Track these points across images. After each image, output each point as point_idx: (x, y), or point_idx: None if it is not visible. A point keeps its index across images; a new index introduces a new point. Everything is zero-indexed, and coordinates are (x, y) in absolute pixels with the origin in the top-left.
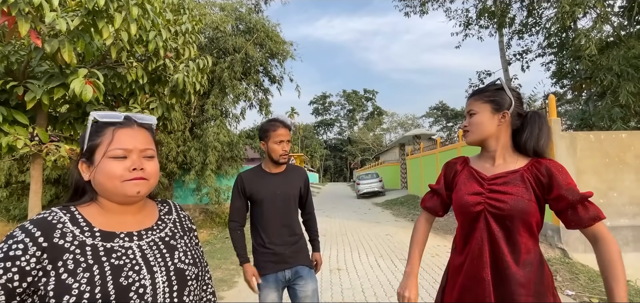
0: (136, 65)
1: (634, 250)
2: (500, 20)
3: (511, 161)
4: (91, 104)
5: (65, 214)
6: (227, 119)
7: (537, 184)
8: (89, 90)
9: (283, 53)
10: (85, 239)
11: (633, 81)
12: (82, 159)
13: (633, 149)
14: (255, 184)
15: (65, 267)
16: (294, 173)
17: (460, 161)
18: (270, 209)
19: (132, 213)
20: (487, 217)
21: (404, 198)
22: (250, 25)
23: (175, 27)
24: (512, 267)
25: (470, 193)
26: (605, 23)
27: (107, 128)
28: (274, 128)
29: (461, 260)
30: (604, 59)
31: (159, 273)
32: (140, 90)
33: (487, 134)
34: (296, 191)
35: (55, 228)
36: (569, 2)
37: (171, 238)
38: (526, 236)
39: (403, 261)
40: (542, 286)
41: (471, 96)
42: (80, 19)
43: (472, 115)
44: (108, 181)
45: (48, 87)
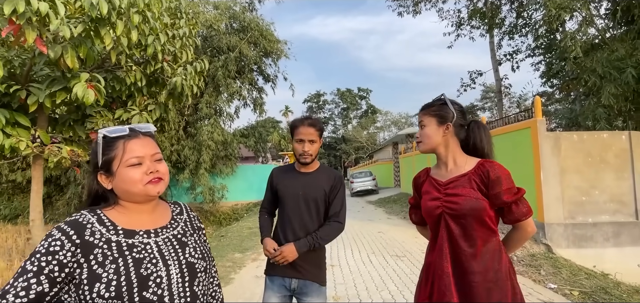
0: (135, 69)
1: (613, 246)
2: (490, 21)
3: (461, 164)
4: (91, 107)
5: (93, 216)
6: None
7: (482, 184)
8: (91, 94)
9: (277, 52)
10: (110, 236)
11: (615, 82)
12: (100, 171)
13: (613, 148)
14: (282, 180)
15: (96, 259)
16: (324, 175)
17: (423, 173)
18: (290, 208)
19: (148, 213)
20: (446, 218)
21: (397, 197)
22: (244, 23)
23: (173, 31)
24: (469, 259)
25: (431, 199)
26: (590, 26)
27: (117, 142)
28: (298, 126)
29: (432, 257)
30: (589, 61)
31: (172, 266)
32: (138, 92)
33: (436, 144)
34: (320, 193)
35: (85, 227)
36: (555, 5)
37: (183, 235)
38: (481, 230)
39: (395, 257)
40: (500, 273)
41: (421, 109)
42: (83, 26)
43: (422, 127)
44: (131, 186)
45: (51, 91)
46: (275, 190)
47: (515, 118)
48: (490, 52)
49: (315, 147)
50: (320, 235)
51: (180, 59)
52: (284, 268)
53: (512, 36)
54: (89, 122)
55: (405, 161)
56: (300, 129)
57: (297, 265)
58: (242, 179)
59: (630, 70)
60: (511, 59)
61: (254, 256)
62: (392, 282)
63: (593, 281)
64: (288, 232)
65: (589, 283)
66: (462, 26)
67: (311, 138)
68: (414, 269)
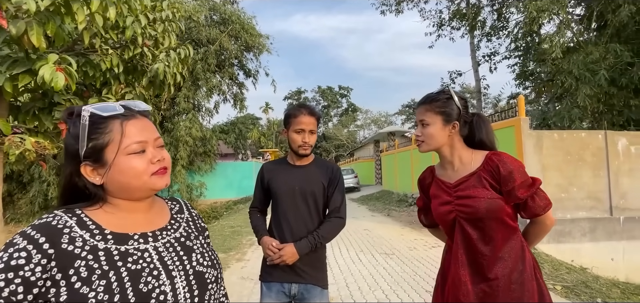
0: (111, 53)
1: (590, 241)
2: (472, 22)
3: (467, 161)
4: (60, 94)
5: (71, 217)
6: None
7: (494, 180)
8: (61, 78)
9: (259, 46)
10: (97, 243)
11: (590, 84)
12: (86, 162)
13: (591, 147)
14: (275, 175)
15: (78, 275)
16: (320, 168)
17: (428, 174)
18: (284, 205)
19: (144, 212)
20: (461, 222)
21: (379, 194)
22: (225, 16)
23: (154, 14)
24: (489, 263)
25: (442, 203)
26: (567, 29)
27: (112, 123)
28: (296, 115)
29: (448, 263)
30: (565, 62)
31: (178, 277)
32: (114, 79)
33: (440, 145)
34: (317, 188)
35: (61, 233)
36: (536, 7)
37: (186, 238)
38: (501, 230)
39: (384, 255)
40: (524, 273)
41: (422, 103)
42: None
43: (424, 125)
44: (133, 179)
45: (12, 74)
46: (268, 187)
47: (499, 116)
48: (471, 52)
49: (314, 138)
50: (322, 233)
51: (161, 44)
52: (281, 273)
53: (490, 38)
54: (57, 111)
55: (387, 158)
56: (300, 119)
57: (297, 268)
58: (221, 177)
59: (603, 72)
60: (489, 60)
61: (238, 256)
62: (385, 281)
63: (574, 275)
64: (285, 231)
65: (570, 277)
66: (443, 27)
67: (311, 128)
68: (404, 267)
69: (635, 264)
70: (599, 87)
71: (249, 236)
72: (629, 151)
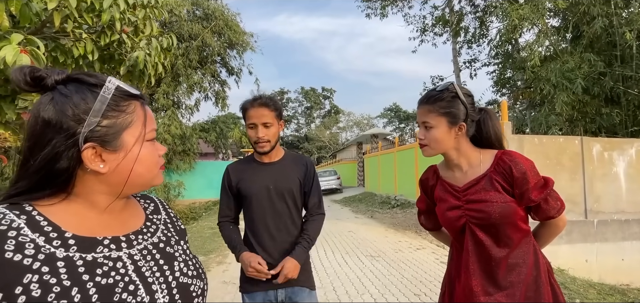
0: (85, 37)
1: (567, 242)
2: (455, 28)
3: (477, 163)
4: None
5: (19, 215)
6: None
7: (506, 182)
8: (25, 59)
9: (243, 44)
10: (54, 251)
11: (567, 91)
12: (92, 142)
13: (568, 152)
14: (244, 176)
15: (28, 294)
16: (293, 163)
17: (431, 174)
18: (259, 207)
19: (117, 212)
20: (471, 227)
21: (361, 196)
22: (208, 11)
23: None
24: (504, 270)
25: (450, 208)
26: (546, 38)
27: (132, 102)
28: (247, 108)
29: (455, 269)
30: (544, 70)
31: (159, 291)
32: (88, 67)
33: (446, 149)
34: (294, 185)
35: (6, 237)
36: (517, 15)
37: (166, 244)
38: (516, 234)
39: (369, 257)
40: (539, 277)
41: (425, 102)
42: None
43: (428, 128)
44: (145, 170)
45: None
46: (237, 190)
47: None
48: (453, 58)
49: (273, 131)
50: (311, 234)
51: (142, 32)
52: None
53: (471, 45)
54: (21, 99)
55: (370, 160)
56: (250, 112)
57: None
58: (200, 176)
59: (579, 81)
60: (470, 66)
61: (219, 259)
62: (372, 284)
63: None
64: (264, 237)
65: None
66: (426, 32)
67: (265, 121)
68: (391, 270)
69: (608, 265)
70: (575, 94)
71: None
72: (602, 156)
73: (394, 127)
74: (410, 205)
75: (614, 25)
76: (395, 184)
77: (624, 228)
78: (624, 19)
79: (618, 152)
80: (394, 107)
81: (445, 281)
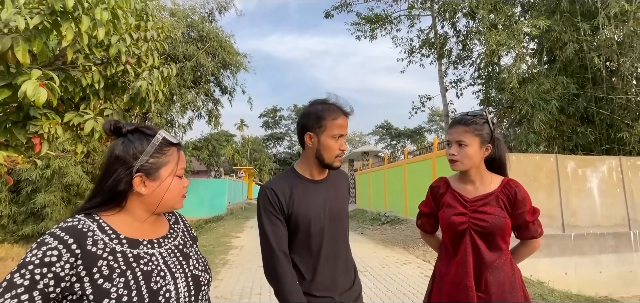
0: (93, 70)
1: (546, 256)
2: (439, 51)
3: (486, 182)
4: (35, 108)
5: (92, 222)
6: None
7: (508, 203)
8: (43, 93)
9: (236, 64)
10: (115, 246)
11: (544, 111)
12: (140, 173)
13: (544, 169)
14: (299, 197)
15: (101, 273)
16: (338, 179)
17: (443, 184)
18: (320, 235)
19: (151, 222)
20: (472, 233)
21: (353, 212)
22: (203, 33)
23: (139, 34)
24: (491, 271)
25: (456, 214)
26: (522, 61)
27: (171, 148)
28: (334, 116)
29: (447, 268)
30: (522, 92)
31: (180, 279)
32: (94, 95)
33: (474, 165)
34: (345, 205)
35: (86, 236)
36: (495, 41)
37: (184, 246)
38: (503, 245)
39: (363, 272)
40: (514, 283)
41: (461, 123)
42: (41, 18)
43: (461, 145)
44: (172, 197)
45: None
46: (289, 215)
47: None
48: (439, 78)
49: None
50: None
51: (144, 63)
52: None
53: (457, 66)
54: (32, 125)
55: (361, 177)
56: (340, 121)
57: None
58: (192, 194)
59: (554, 102)
60: (456, 86)
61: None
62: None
63: (531, 288)
64: (324, 273)
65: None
66: (413, 53)
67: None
68: (377, 284)
69: (586, 278)
70: (551, 114)
71: (221, 255)
72: (576, 173)
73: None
74: (399, 221)
75: (584, 50)
76: (385, 201)
77: (600, 241)
78: (593, 45)
79: (591, 169)
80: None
81: (434, 276)
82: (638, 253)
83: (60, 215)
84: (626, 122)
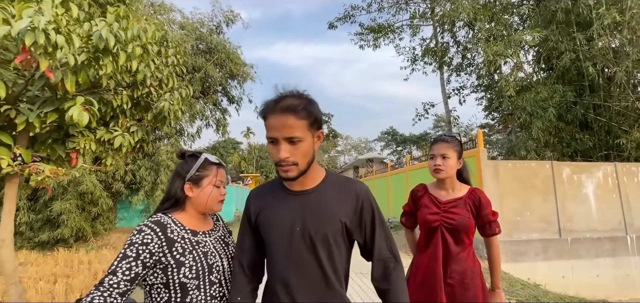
0: (124, 93)
1: (543, 260)
2: (440, 60)
3: (457, 190)
4: (73, 127)
5: (168, 218)
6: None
7: (474, 206)
8: (85, 116)
9: (243, 75)
10: (183, 234)
11: (541, 119)
12: (190, 182)
13: (540, 175)
14: (265, 210)
15: (177, 250)
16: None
17: (421, 189)
18: (283, 257)
19: (202, 220)
20: (442, 229)
21: None
22: (211, 45)
23: (161, 59)
24: (456, 261)
25: (431, 213)
26: (520, 70)
27: (212, 166)
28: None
29: (422, 259)
30: (520, 99)
31: (224, 259)
32: (122, 114)
33: (452, 174)
34: (334, 226)
35: (167, 227)
36: (492, 52)
37: (224, 237)
38: (466, 241)
39: (359, 274)
40: (474, 272)
41: (442, 142)
42: (86, 55)
43: (445, 158)
44: (211, 201)
45: (43, 112)
46: (256, 226)
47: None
48: (441, 86)
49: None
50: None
51: (165, 85)
52: None
53: (459, 73)
54: (70, 142)
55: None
56: (270, 121)
57: None
58: None
59: (551, 109)
60: (458, 93)
61: None
62: (358, 297)
63: (527, 290)
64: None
65: (524, 292)
66: (416, 62)
67: (290, 134)
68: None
69: (583, 281)
70: (549, 121)
71: None
72: (572, 179)
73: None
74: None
75: (580, 59)
76: (389, 207)
77: (596, 245)
78: (589, 54)
79: (586, 175)
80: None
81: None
82: (635, 256)
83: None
84: (623, 128)
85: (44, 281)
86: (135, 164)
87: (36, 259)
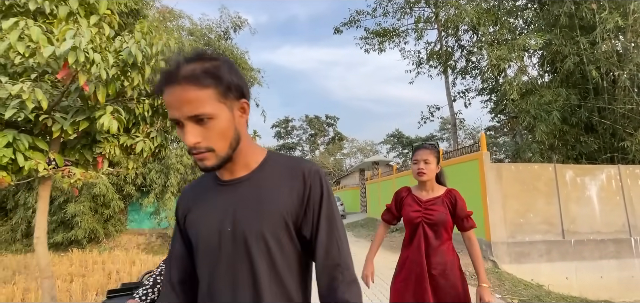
0: (146, 102)
1: (546, 261)
2: (445, 64)
3: (436, 190)
4: (100, 133)
5: None
6: None
7: (450, 204)
8: (115, 124)
9: (250, 79)
10: None
11: (545, 122)
12: None
13: (543, 178)
14: (194, 206)
15: None
16: (280, 178)
17: (405, 190)
18: (210, 268)
19: None
20: (423, 225)
21: (363, 221)
22: (219, 51)
23: None
24: (436, 253)
25: (413, 211)
26: (524, 74)
27: None
28: (161, 92)
29: (407, 253)
30: (524, 103)
31: None
32: (142, 121)
33: (432, 177)
34: (274, 222)
35: None
36: (496, 56)
37: None
38: (445, 234)
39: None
40: (454, 264)
41: (425, 149)
42: (116, 69)
43: (427, 163)
44: None
45: (76, 120)
46: (186, 230)
47: (468, 150)
48: (446, 89)
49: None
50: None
51: None
52: None
53: (464, 76)
54: (97, 147)
55: (372, 187)
56: (167, 97)
57: None
58: None
59: (555, 113)
60: (464, 96)
61: None
62: (367, 297)
63: (530, 291)
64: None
65: (527, 293)
66: (421, 65)
67: (195, 112)
68: (381, 285)
69: (586, 282)
70: (553, 125)
71: None
72: (575, 181)
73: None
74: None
75: (584, 62)
76: None
77: (600, 247)
78: (592, 58)
79: (590, 177)
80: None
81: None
82: (639, 258)
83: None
84: (628, 131)
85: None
86: (145, 168)
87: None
